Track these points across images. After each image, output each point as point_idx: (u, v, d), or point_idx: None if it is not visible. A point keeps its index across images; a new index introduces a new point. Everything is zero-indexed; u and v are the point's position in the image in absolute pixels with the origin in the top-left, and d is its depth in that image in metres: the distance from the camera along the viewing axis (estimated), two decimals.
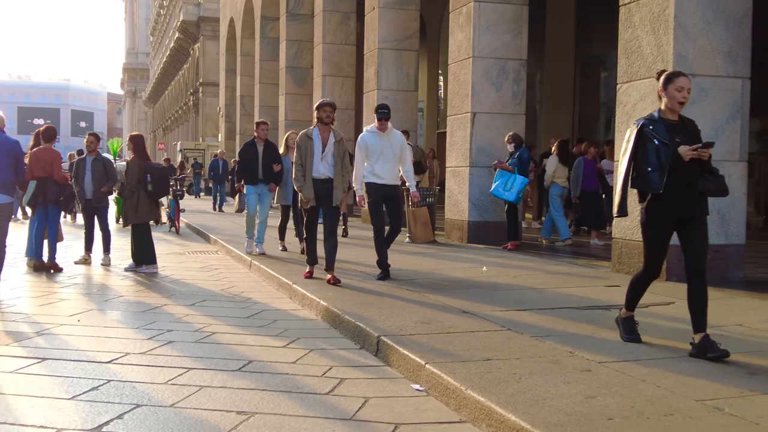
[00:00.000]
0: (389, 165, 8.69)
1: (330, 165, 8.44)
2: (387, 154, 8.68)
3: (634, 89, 8.89)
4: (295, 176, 8.48)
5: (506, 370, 4.65)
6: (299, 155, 8.43)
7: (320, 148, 8.41)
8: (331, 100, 8.70)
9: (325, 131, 8.47)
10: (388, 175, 8.68)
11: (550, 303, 7.07)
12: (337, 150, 8.47)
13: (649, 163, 5.17)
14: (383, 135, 8.71)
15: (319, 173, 8.39)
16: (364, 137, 8.81)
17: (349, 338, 6.21)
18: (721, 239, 8.55)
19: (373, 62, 17.49)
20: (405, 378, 5.03)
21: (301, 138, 8.48)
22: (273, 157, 11.46)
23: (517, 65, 13.04)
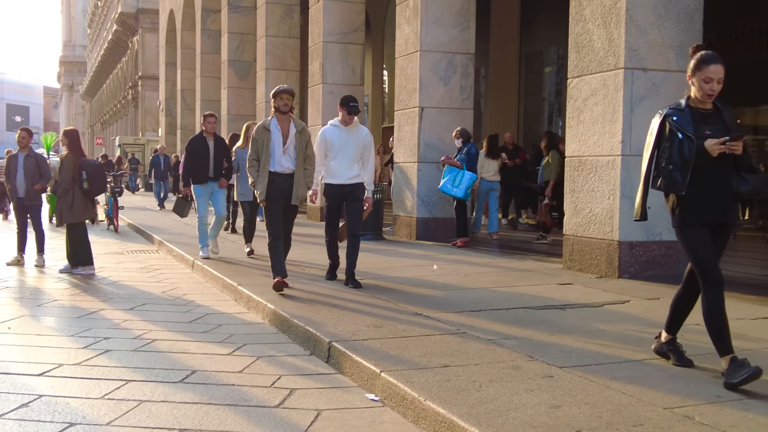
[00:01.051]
0: (347, 163, 7.89)
1: (292, 158, 7.73)
2: (348, 151, 7.90)
3: (584, 84, 8.77)
4: (249, 172, 7.77)
5: (465, 378, 4.43)
6: (254, 149, 7.69)
7: (280, 140, 7.66)
8: (289, 87, 7.84)
9: (284, 121, 7.72)
10: (344, 174, 7.90)
11: (504, 303, 6.89)
12: (299, 141, 7.75)
13: (671, 160, 4.51)
14: (346, 130, 7.94)
15: (283, 167, 7.67)
16: (325, 131, 8.06)
17: (298, 344, 5.93)
18: (673, 236, 8.44)
19: (318, 56, 17.17)
20: (359, 387, 4.78)
21: (257, 130, 7.74)
22: (224, 153, 10.62)
23: (464, 59, 12.86)
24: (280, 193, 7.66)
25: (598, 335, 5.59)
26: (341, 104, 7.94)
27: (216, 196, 10.61)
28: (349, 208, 7.97)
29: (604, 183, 8.41)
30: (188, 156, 10.63)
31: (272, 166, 7.63)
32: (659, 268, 8.43)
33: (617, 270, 8.27)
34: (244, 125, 11.12)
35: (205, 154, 10.39)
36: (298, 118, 7.96)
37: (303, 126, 7.85)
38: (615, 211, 8.27)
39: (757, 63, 16.21)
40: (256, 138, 7.68)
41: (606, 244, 8.41)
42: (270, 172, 7.63)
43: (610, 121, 8.35)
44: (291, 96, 7.71)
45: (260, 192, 7.67)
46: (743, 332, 5.61)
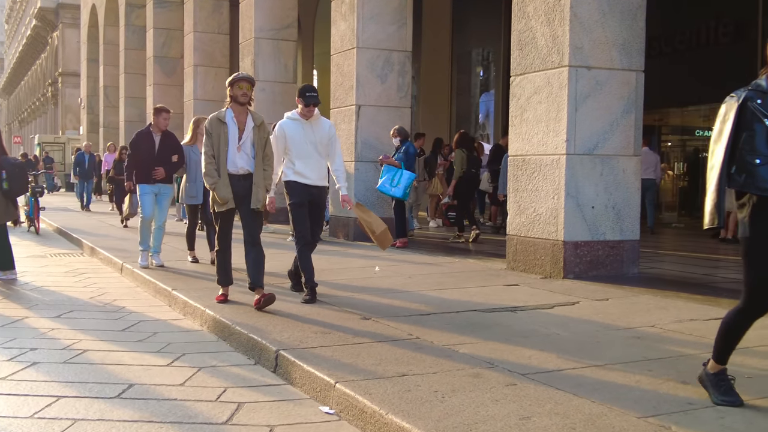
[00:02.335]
0: (314, 161, 7.04)
1: (249, 156, 6.76)
2: (312, 148, 7.04)
3: (528, 82, 8.65)
4: (206, 170, 6.75)
5: (426, 388, 4.19)
6: (210, 144, 6.72)
7: (236, 134, 6.71)
8: (248, 75, 6.95)
9: (241, 113, 6.76)
10: (314, 173, 7.04)
11: (453, 306, 6.69)
12: (257, 137, 6.78)
13: (756, 153, 3.74)
14: (307, 124, 7.05)
15: (236, 167, 6.72)
16: (282, 126, 7.09)
17: (241, 352, 5.60)
18: (616, 235, 8.43)
19: (249, 52, 16.74)
20: (311, 399, 4.50)
21: (211, 122, 6.76)
22: (172, 149, 9.57)
23: (402, 57, 12.66)
24: (234, 196, 6.75)
25: (554, 339, 5.43)
26: (299, 95, 7.07)
27: (160, 201, 9.55)
28: (314, 215, 7.14)
29: (549, 182, 8.30)
30: (132, 153, 9.62)
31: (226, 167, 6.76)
32: (603, 268, 8.36)
33: (562, 270, 8.16)
34: (192, 120, 10.25)
35: (151, 150, 9.45)
36: (256, 112, 7.04)
37: (262, 120, 6.92)
38: (560, 211, 8.17)
39: (684, 63, 16.50)
40: (210, 132, 6.74)
41: (551, 244, 8.30)
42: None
43: (555, 120, 8.24)
44: (251, 85, 6.81)
45: (223, 195, 6.67)
46: (701, 334, 5.52)
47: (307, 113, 7.03)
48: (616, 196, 8.40)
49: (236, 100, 6.75)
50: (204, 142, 6.82)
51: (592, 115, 8.23)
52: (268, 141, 6.89)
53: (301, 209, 7.05)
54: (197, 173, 9.35)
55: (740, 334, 4.01)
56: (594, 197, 8.27)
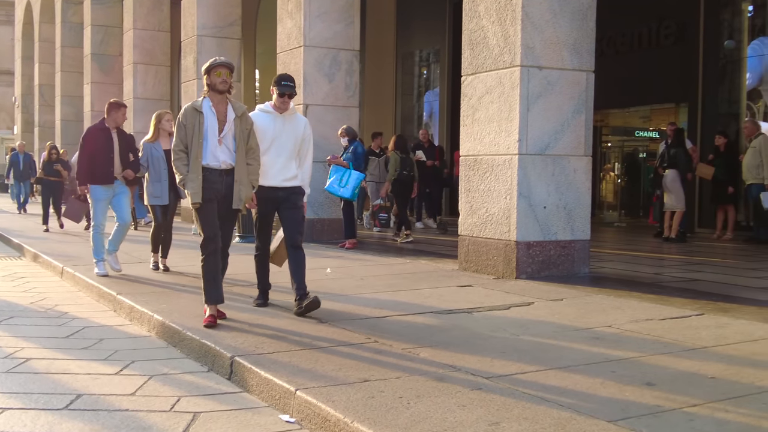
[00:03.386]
0: (282, 160, 6.39)
1: (231, 150, 6.08)
2: (283, 144, 6.40)
3: (479, 81, 8.60)
4: (176, 166, 6.05)
5: (390, 394, 4.08)
6: (181, 137, 5.99)
7: (215, 126, 6.00)
8: (227, 60, 6.16)
9: (220, 103, 6.06)
10: (279, 174, 6.39)
11: (409, 308, 6.59)
12: (239, 129, 6.09)
13: None
14: (280, 118, 6.42)
15: (218, 161, 6.04)
16: (254, 117, 6.40)
17: (193, 359, 5.41)
18: (567, 235, 8.44)
19: (191, 50, 16.43)
20: (270, 407, 4.34)
21: (185, 113, 6.03)
22: (129, 148, 8.81)
23: (349, 56, 12.55)
24: (213, 194, 6.06)
25: (514, 341, 5.37)
26: (274, 83, 6.41)
27: (119, 199, 8.77)
28: (286, 216, 6.48)
29: (501, 182, 8.27)
30: (86, 151, 8.64)
31: (204, 159, 6.01)
32: (555, 268, 8.37)
33: (515, 270, 8.14)
34: (154, 115, 9.37)
35: (109, 148, 8.61)
36: (237, 101, 6.31)
37: (244, 110, 6.21)
38: (512, 211, 8.14)
39: (625, 65, 16.70)
40: (183, 123, 5.99)
41: (503, 244, 8.27)
42: (202, 166, 6.02)
43: (507, 120, 8.21)
44: (230, 71, 6.07)
45: (193, 192, 5.96)
46: (658, 334, 5.52)
47: (281, 105, 6.41)
48: (568, 196, 8.41)
49: (215, 89, 6.04)
50: (175, 135, 6.08)
51: (544, 115, 8.22)
52: (251, 133, 6.21)
53: (263, 219, 6.56)
54: (160, 173, 8.83)
55: None
56: (546, 197, 8.27)
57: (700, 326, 5.79)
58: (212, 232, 6.08)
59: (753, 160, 12.87)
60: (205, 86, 6.12)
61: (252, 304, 6.66)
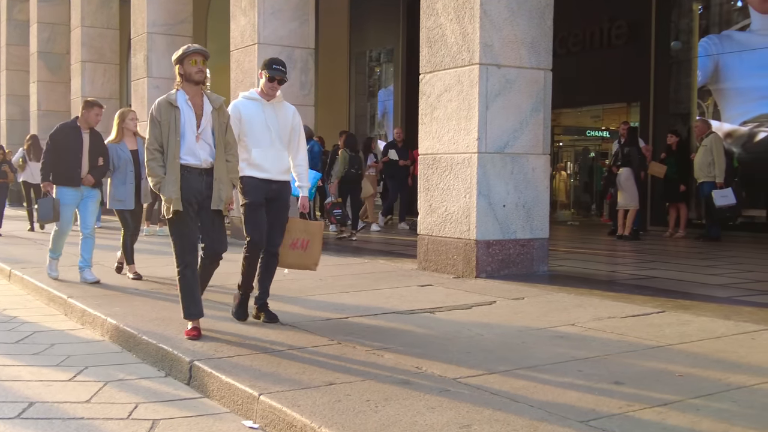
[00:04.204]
0: (275, 152, 5.83)
1: (211, 146, 5.49)
2: (274, 135, 5.82)
3: (438, 79, 8.54)
4: (149, 168, 5.44)
5: (357, 397, 3.97)
6: (155, 135, 5.40)
7: (193, 120, 5.43)
8: (202, 48, 5.54)
9: (196, 95, 5.48)
10: (274, 166, 5.83)
11: (370, 308, 6.49)
12: (216, 123, 5.50)
13: None
14: (268, 106, 5.84)
15: (198, 159, 5.45)
16: (237, 106, 5.85)
17: (149, 364, 5.24)
18: (526, 234, 8.42)
19: (142, 48, 16.12)
20: (232, 413, 4.20)
21: (159, 108, 5.41)
22: (100, 151, 8.24)
23: (304, 54, 12.42)
24: (192, 195, 5.45)
25: (479, 341, 5.30)
26: (263, 67, 5.81)
27: (86, 204, 8.23)
28: (275, 216, 5.92)
29: (460, 181, 8.22)
30: (53, 148, 8.12)
31: (183, 158, 5.42)
32: (515, 266, 8.34)
33: (475, 270, 8.09)
34: (117, 113, 8.76)
35: (78, 149, 8.06)
36: (213, 92, 5.67)
37: (221, 102, 5.58)
38: (472, 210, 8.09)
39: (578, 64, 16.81)
40: (158, 119, 5.39)
41: (463, 243, 8.22)
42: (180, 165, 5.42)
43: (466, 118, 8.16)
44: (205, 59, 5.49)
45: (170, 196, 5.35)
46: (622, 332, 5.51)
47: (269, 91, 5.80)
48: (527, 195, 8.39)
49: (190, 79, 5.45)
50: (148, 132, 5.45)
51: (503, 113, 8.19)
52: (229, 126, 5.63)
53: (257, 210, 5.84)
54: (126, 175, 8.33)
55: None
56: (505, 196, 8.23)
57: (663, 324, 5.79)
58: (191, 242, 5.52)
59: (704, 159, 13.04)
60: (177, 78, 5.52)
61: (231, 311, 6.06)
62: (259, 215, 5.85)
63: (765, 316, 6.06)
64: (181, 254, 5.49)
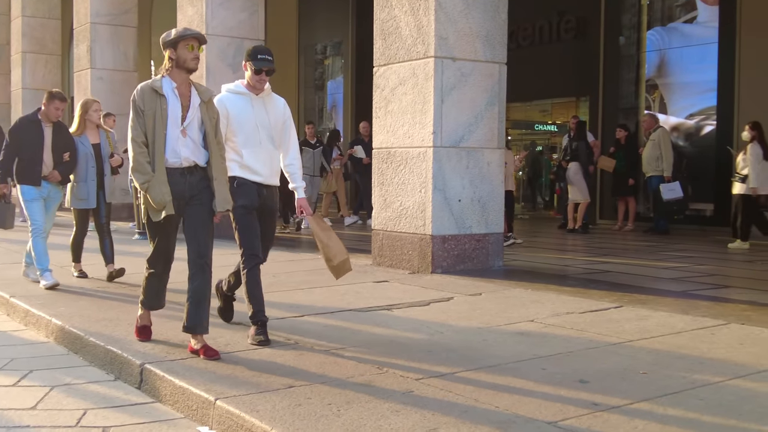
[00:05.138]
0: (265, 151, 5.23)
1: (196, 143, 4.82)
2: (266, 131, 5.24)
3: (392, 72, 8.42)
4: (135, 164, 4.74)
5: (318, 400, 3.83)
6: (139, 126, 4.73)
7: (178, 112, 4.78)
8: (199, 32, 4.94)
9: (183, 84, 4.82)
10: (266, 168, 5.24)
11: (326, 306, 6.35)
12: (206, 116, 4.84)
13: None
14: (257, 100, 5.23)
15: (179, 157, 4.78)
16: (222, 101, 5.18)
17: (98, 367, 5.03)
18: (482, 228, 8.36)
19: (85, 38, 15.68)
20: (187, 418, 4.03)
21: (143, 95, 4.74)
22: (65, 145, 7.67)
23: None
24: (175, 196, 4.78)
25: (439, 339, 5.20)
26: (248, 57, 5.22)
27: (50, 204, 7.75)
28: (263, 227, 5.36)
29: (416, 176, 8.11)
30: (12, 144, 7.55)
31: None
32: (470, 261, 8.27)
33: (430, 265, 8.00)
34: (79, 104, 8.13)
35: (38, 144, 7.52)
36: (200, 83, 5.17)
37: (211, 95, 4.98)
38: (427, 205, 8.00)
39: (527, 59, 16.83)
40: (141, 109, 4.72)
41: (418, 238, 8.12)
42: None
43: (421, 112, 8.06)
44: (201, 44, 4.83)
45: (162, 201, 4.70)
46: (581, 328, 5.46)
47: (257, 84, 5.18)
48: (482, 189, 8.33)
49: (183, 66, 4.77)
50: (132, 122, 4.76)
51: (458, 107, 8.11)
52: (218, 123, 4.98)
53: (250, 215, 5.24)
54: (87, 171, 7.83)
55: None
56: (461, 190, 8.16)
57: (622, 319, 5.77)
58: (167, 253, 5.04)
59: (652, 153, 13.18)
60: (166, 63, 4.81)
61: (251, 342, 5.08)
62: (253, 221, 5.25)
63: (722, 310, 6.08)
64: (154, 261, 5.06)
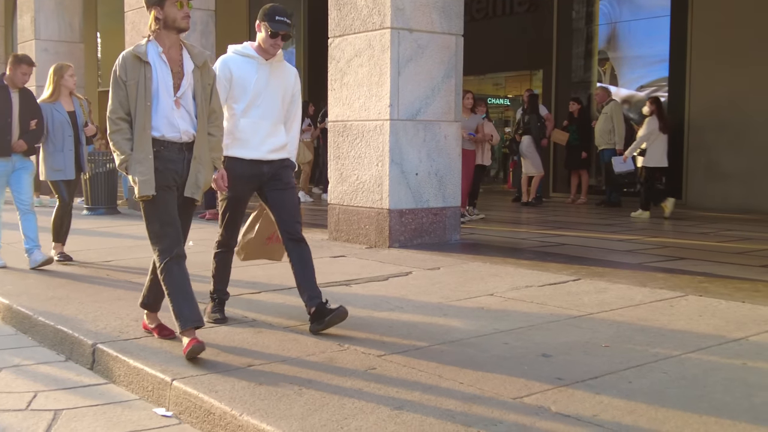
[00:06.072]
0: (269, 124, 4.72)
1: (192, 114, 4.31)
2: (270, 101, 4.73)
3: (347, 44, 8.27)
4: (114, 142, 4.17)
5: (278, 380, 3.73)
6: (120, 98, 4.16)
7: (169, 80, 4.22)
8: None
9: (173, 48, 4.26)
10: (266, 143, 4.72)
11: (283, 282, 6.22)
12: (199, 84, 4.31)
13: None
14: (265, 66, 4.72)
15: (177, 131, 4.23)
16: (227, 63, 4.71)
17: (48, 347, 4.86)
18: (439, 202, 8.30)
19: (29, 8, 15.19)
20: (142, 399, 3.91)
21: (126, 64, 4.16)
22: (32, 113, 7.10)
23: (205, 16, 11.89)
24: (171, 178, 4.24)
25: (400, 314, 5.14)
26: (263, 17, 4.67)
27: (19, 176, 7.11)
28: (277, 199, 4.77)
29: (372, 149, 8.01)
30: None
31: (156, 130, 4.18)
32: (427, 235, 8.22)
33: (388, 239, 7.93)
34: (52, 68, 7.58)
35: (6, 112, 6.95)
36: (194, 45, 4.48)
37: (206, 58, 4.39)
38: (384, 178, 7.91)
39: (481, 32, 16.77)
40: (122, 79, 4.15)
41: (375, 212, 8.03)
42: (154, 139, 4.18)
43: (377, 84, 7.94)
44: (191, 2, 4.28)
45: (143, 180, 4.12)
46: (541, 301, 5.44)
47: (271, 48, 4.68)
48: (439, 163, 8.26)
49: (173, 26, 4.21)
50: (111, 97, 4.20)
51: (415, 79, 8.01)
52: (214, 90, 4.43)
53: (236, 204, 4.79)
54: (64, 140, 7.33)
55: None
56: (418, 164, 8.08)
57: (581, 292, 5.77)
58: (176, 230, 4.32)
59: (605, 126, 13.25)
60: (152, 24, 4.21)
61: (207, 320, 4.71)
62: (238, 212, 4.84)
63: (678, 282, 6.12)
64: (164, 245, 4.28)
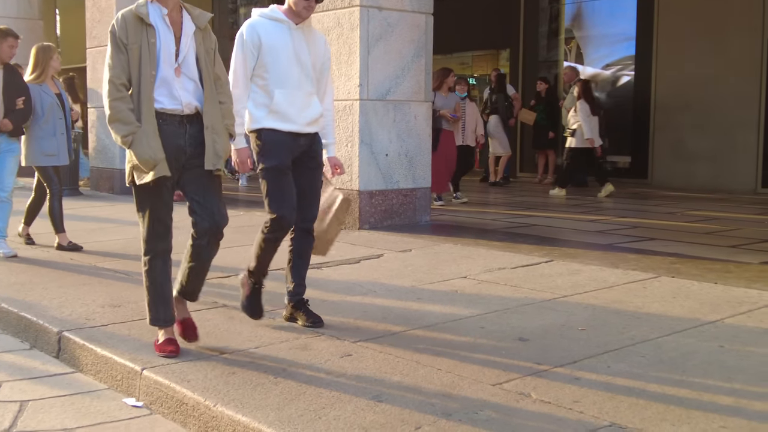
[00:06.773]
0: (303, 95, 4.25)
1: (195, 82, 3.86)
2: (304, 69, 4.25)
3: (316, 22, 7.95)
4: (115, 113, 3.68)
5: (252, 368, 3.64)
6: (121, 62, 3.69)
7: (172, 46, 3.79)
8: None
9: (174, 9, 3.85)
10: (302, 114, 4.25)
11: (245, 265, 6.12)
12: (202, 48, 3.88)
13: None
14: (297, 31, 4.22)
15: (179, 102, 3.81)
16: (256, 27, 4.19)
17: (11, 334, 4.72)
18: (409, 183, 8.22)
19: None
20: (111, 389, 3.80)
21: (124, 23, 3.70)
22: (18, 89, 6.66)
23: None
24: (171, 156, 3.78)
25: (373, 297, 5.07)
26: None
27: (3, 159, 6.64)
28: (308, 182, 4.42)
29: (342, 129, 7.89)
30: None
31: (156, 101, 3.76)
32: (398, 217, 8.15)
33: (358, 221, 7.84)
34: (38, 48, 7.14)
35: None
36: (194, 6, 3.99)
37: (208, 20, 3.96)
38: (354, 159, 7.81)
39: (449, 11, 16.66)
40: (122, 41, 3.69)
41: (345, 194, 7.91)
42: (157, 112, 3.75)
43: (347, 63, 7.82)
44: None
45: (149, 158, 3.68)
46: (515, 284, 5.41)
47: (303, 12, 4.18)
48: (409, 143, 8.18)
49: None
50: (110, 59, 3.71)
51: (384, 58, 7.90)
52: (216, 55, 4.00)
53: (283, 176, 4.27)
54: (55, 124, 6.96)
55: None
56: (387, 144, 7.99)
57: (554, 273, 5.74)
58: (165, 224, 4.03)
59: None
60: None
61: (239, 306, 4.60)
62: (286, 183, 4.28)
63: (650, 263, 6.12)
64: (151, 239, 4.01)
